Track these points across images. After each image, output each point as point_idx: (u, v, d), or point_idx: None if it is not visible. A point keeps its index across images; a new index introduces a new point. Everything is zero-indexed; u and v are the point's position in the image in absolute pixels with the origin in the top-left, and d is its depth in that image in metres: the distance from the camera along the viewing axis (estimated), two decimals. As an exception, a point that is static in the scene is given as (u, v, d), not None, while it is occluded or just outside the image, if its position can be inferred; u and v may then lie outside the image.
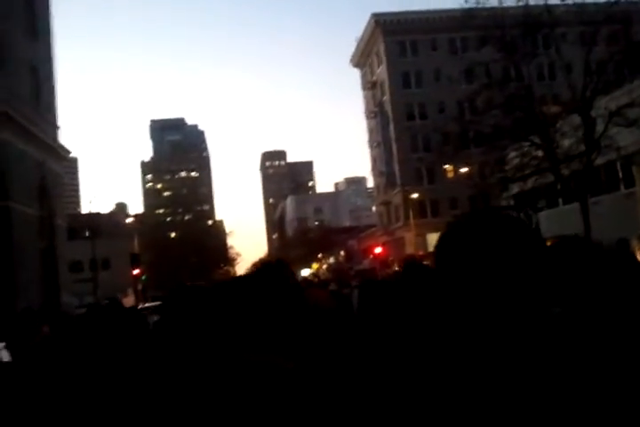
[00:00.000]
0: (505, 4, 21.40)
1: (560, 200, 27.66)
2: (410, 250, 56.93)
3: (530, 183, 23.71)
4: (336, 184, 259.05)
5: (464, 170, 47.66)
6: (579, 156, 20.11)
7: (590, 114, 19.92)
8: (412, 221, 55.11)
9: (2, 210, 21.99)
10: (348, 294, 9.30)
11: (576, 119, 20.43)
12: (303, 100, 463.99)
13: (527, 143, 21.86)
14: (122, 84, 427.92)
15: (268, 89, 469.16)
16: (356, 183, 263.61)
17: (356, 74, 74.71)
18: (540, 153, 21.30)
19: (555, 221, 24.08)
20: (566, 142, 20.47)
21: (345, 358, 2.14)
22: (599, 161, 20.48)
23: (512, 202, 36.16)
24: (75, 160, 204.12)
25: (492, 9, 21.60)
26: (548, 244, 2.03)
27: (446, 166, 57.40)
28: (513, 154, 22.52)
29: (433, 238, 35.43)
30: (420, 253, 54.83)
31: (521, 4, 20.90)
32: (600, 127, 19.52)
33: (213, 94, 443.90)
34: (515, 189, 29.02)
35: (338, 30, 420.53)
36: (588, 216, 19.74)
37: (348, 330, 3.30)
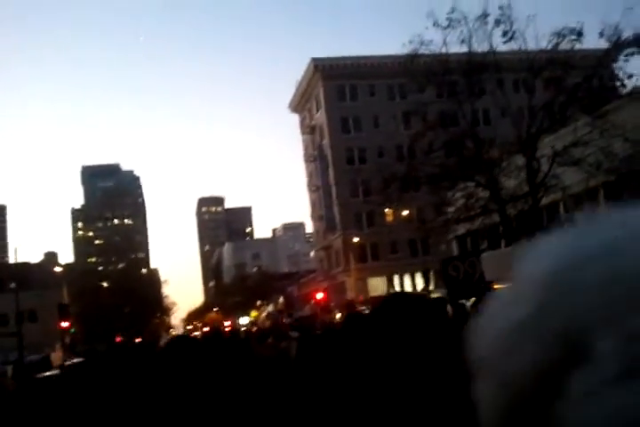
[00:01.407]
0: (449, 47, 21.53)
1: (502, 242, 27.71)
2: (351, 295, 56.28)
3: (475, 224, 23.64)
4: (274, 230, 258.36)
5: (405, 213, 47.79)
6: (523, 196, 20.14)
7: (535, 154, 20.06)
8: (352, 265, 54.70)
9: None
10: (286, 348, 9.13)
11: (520, 160, 20.54)
12: (241, 144, 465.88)
13: (472, 184, 21.79)
14: (52, 131, 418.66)
15: (206, 134, 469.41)
16: (294, 229, 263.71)
17: (294, 118, 75.19)
18: (485, 194, 21.24)
19: (495, 264, 23.90)
20: (511, 183, 20.50)
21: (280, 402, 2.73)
22: (544, 201, 20.54)
23: (455, 244, 36.25)
24: (3, 208, 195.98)
25: (435, 54, 21.75)
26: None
27: (386, 210, 57.73)
28: (458, 195, 22.39)
29: (374, 283, 34.93)
30: (361, 298, 54.30)
31: (464, 46, 21.12)
32: (545, 167, 19.64)
33: (149, 139, 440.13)
34: (460, 230, 29.02)
35: (277, 74, 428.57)
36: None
37: (285, 379, 3.61)
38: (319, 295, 53.19)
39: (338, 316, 49.78)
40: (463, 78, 21.58)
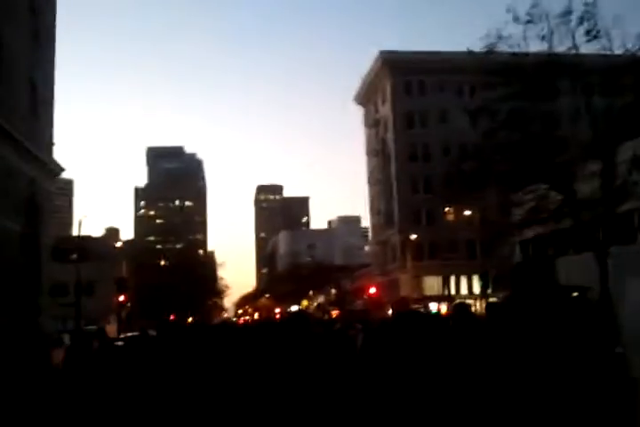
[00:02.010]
0: (528, 44, 20.53)
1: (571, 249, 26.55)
2: (405, 292, 55.49)
3: (543, 229, 22.70)
4: (330, 222, 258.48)
5: (468, 212, 46.58)
6: (598, 202, 19.13)
7: (613, 159, 19.01)
8: (408, 262, 53.86)
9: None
10: (354, 335, 9.79)
11: (596, 164, 19.52)
12: (304, 135, 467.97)
13: (545, 186, 20.84)
14: (121, 111, 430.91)
15: (270, 122, 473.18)
16: (350, 222, 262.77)
17: (358, 111, 74.51)
18: (557, 197, 20.27)
19: (572, 269, 22.81)
20: (586, 187, 19.51)
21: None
22: (621, 208, 19.47)
23: (518, 248, 35.08)
24: (70, 182, 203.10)
25: (510, 51, 20.78)
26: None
27: (447, 208, 56.57)
28: (529, 196, 21.46)
29: (429, 282, 34.13)
30: (415, 296, 53.48)
31: (544, 44, 20.12)
32: (623, 173, 18.60)
33: (214, 125, 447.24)
34: (526, 234, 27.97)
35: (346, 64, 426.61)
36: (606, 267, 18.62)
37: (350, 361, 4.23)
38: (372, 290, 52.80)
39: (389, 312, 49.32)
40: (540, 76, 20.61)
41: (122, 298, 44.80)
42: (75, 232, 52.45)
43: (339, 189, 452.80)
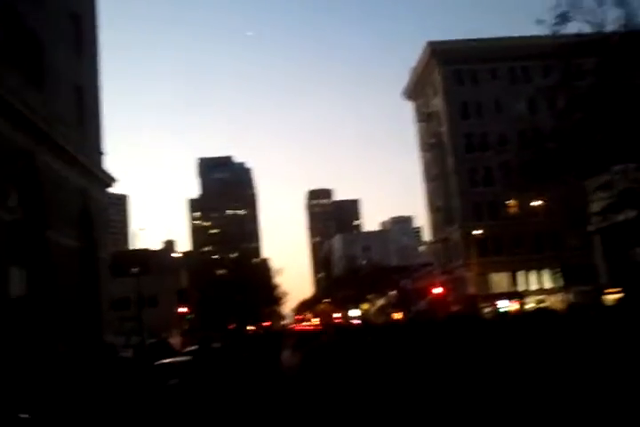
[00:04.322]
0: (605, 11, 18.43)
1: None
2: (471, 290, 53.27)
3: (624, 216, 20.48)
4: (382, 223, 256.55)
5: (537, 203, 44.05)
6: None
7: None
8: (473, 259, 51.60)
9: (39, 241, 19.96)
10: None
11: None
12: (351, 136, 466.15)
13: (633, 165, 18.71)
14: (171, 125, 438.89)
15: (315, 126, 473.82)
16: (402, 222, 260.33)
17: (406, 107, 72.61)
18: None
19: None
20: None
21: None
22: None
23: (598, 239, 32.66)
24: (123, 197, 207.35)
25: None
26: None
27: (510, 201, 54.11)
28: (617, 176, 19.36)
29: (496, 279, 31.68)
30: (482, 293, 51.16)
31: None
32: None
33: (260, 132, 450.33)
34: (603, 222, 25.78)
35: (390, 60, 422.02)
36: None
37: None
38: (437, 290, 50.81)
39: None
40: (622, 47, 18.49)
41: (184, 309, 44.16)
42: (131, 247, 52.40)
43: (388, 190, 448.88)
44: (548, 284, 53.51)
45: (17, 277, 18.46)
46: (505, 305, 48.44)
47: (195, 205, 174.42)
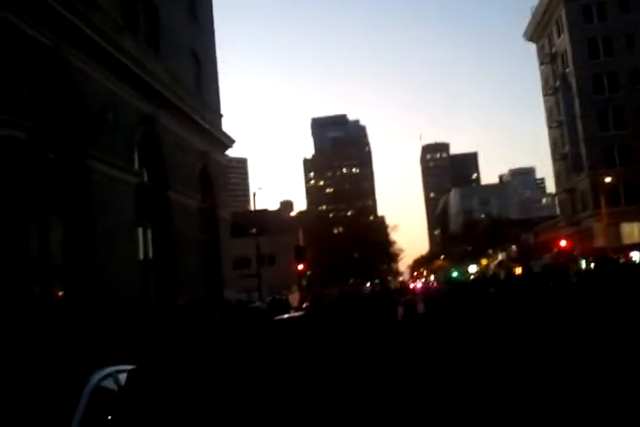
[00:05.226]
0: None
1: None
2: (600, 242, 50.01)
3: None
4: (501, 176, 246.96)
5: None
6: None
7: None
8: (603, 209, 48.18)
9: (162, 200, 20.64)
10: None
11: None
12: (466, 86, 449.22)
13: None
14: (285, 86, 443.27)
15: (429, 78, 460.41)
16: (523, 174, 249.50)
17: (528, 50, 68.03)
18: None
19: None
20: None
21: None
22: None
23: None
24: (244, 161, 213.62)
25: None
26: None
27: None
28: None
29: (627, 229, 28.92)
30: (612, 245, 47.91)
31: None
32: None
33: (375, 87, 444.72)
34: None
35: (508, 3, 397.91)
36: None
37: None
38: (563, 243, 48.17)
39: (583, 265, 44.58)
40: None
41: (301, 267, 45.00)
42: (251, 208, 53.82)
43: (508, 141, 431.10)
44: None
45: (142, 237, 19.23)
46: (638, 257, 45.17)
47: (309, 164, 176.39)
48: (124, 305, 15.15)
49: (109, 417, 4.02)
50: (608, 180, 46.70)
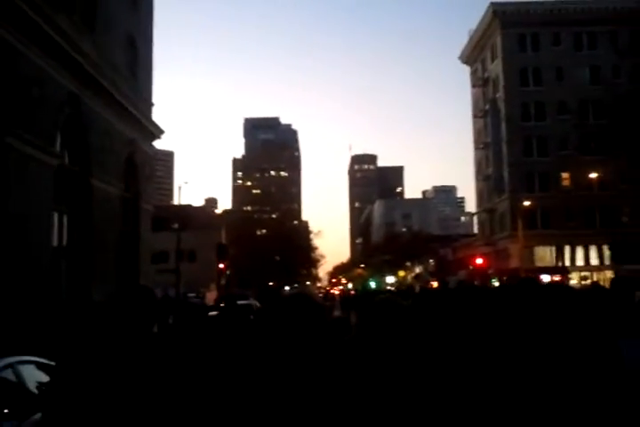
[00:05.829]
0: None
1: None
2: (514, 263, 51.95)
3: None
4: (424, 192, 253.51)
5: (594, 175, 42.28)
6: None
7: None
8: (519, 231, 50.08)
9: (83, 186, 19.69)
10: None
11: None
12: (397, 101, 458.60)
13: None
14: (219, 84, 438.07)
15: (364, 91, 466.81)
16: (445, 192, 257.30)
17: (459, 72, 70.14)
18: None
19: None
20: None
21: None
22: None
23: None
24: (170, 154, 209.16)
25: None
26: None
27: (563, 173, 52.27)
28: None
29: (541, 252, 30.26)
30: (525, 267, 49.81)
31: None
32: None
33: (308, 94, 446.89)
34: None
35: (447, 23, 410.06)
36: None
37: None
38: (479, 260, 49.59)
39: (496, 284, 46.13)
40: None
41: (222, 265, 44.26)
42: (175, 202, 52.56)
43: (433, 158, 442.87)
44: (594, 260, 51.86)
45: (58, 222, 18.26)
46: (547, 280, 47.15)
47: (238, 164, 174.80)
48: (31, 291, 14.28)
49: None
50: (527, 203, 48.59)
